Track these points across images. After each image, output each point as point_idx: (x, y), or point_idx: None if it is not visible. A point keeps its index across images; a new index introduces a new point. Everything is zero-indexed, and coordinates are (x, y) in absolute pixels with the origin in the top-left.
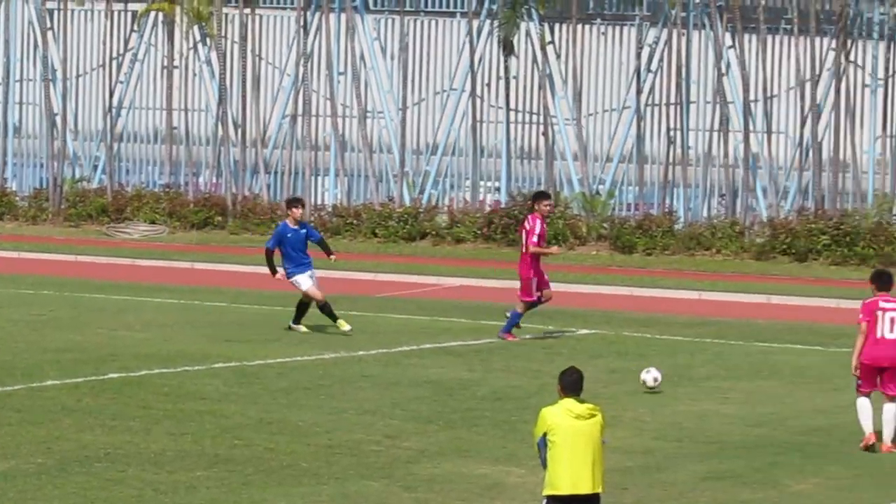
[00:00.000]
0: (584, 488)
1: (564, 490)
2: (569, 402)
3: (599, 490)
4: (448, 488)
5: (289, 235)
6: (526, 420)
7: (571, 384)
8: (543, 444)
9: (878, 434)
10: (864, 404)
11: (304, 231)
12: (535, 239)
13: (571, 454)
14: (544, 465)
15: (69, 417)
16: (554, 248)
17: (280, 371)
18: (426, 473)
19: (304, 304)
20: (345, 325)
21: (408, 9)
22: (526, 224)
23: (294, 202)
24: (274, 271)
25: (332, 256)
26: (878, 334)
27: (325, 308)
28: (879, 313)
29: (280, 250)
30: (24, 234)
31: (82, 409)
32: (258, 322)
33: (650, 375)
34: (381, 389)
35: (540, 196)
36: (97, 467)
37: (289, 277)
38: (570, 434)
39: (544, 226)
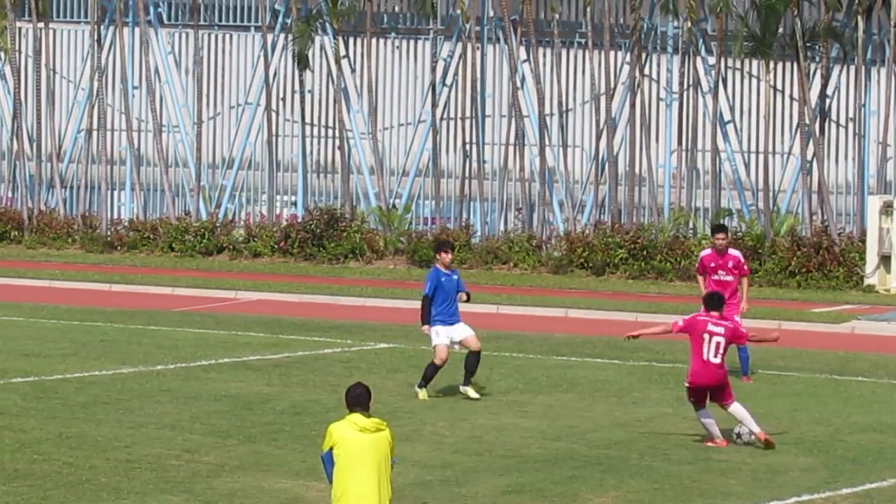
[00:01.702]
0: (369, 502)
1: None
2: (354, 417)
3: None
4: (248, 502)
5: (442, 280)
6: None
7: (356, 398)
8: (329, 459)
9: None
10: (706, 415)
11: (455, 278)
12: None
13: (356, 468)
14: (330, 479)
15: None
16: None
17: (78, 385)
18: (226, 488)
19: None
20: (472, 392)
21: (202, 23)
22: None
23: (444, 246)
24: (428, 321)
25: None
26: (705, 357)
27: (475, 361)
28: (706, 336)
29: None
30: None
31: None
32: (56, 336)
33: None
34: (180, 404)
35: (712, 230)
36: None
37: (432, 326)
38: (355, 448)
39: (717, 258)
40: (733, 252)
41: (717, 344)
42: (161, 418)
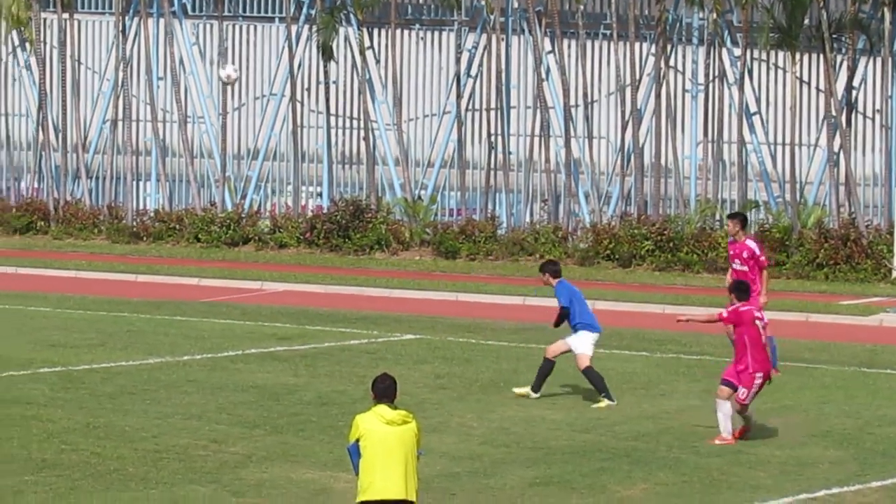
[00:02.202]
0: (395, 494)
1: (374, 495)
2: (381, 408)
3: (413, 498)
4: (276, 493)
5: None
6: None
7: (384, 390)
8: (354, 450)
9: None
10: (729, 409)
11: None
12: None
13: (382, 460)
14: (356, 471)
15: None
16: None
17: (105, 376)
18: (254, 478)
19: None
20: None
21: (226, 14)
22: None
23: (541, 268)
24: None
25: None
26: (763, 342)
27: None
28: (758, 322)
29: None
30: None
31: None
32: (83, 327)
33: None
34: (206, 394)
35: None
36: None
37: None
38: (381, 440)
39: (733, 247)
40: (749, 242)
41: (765, 327)
42: (188, 409)
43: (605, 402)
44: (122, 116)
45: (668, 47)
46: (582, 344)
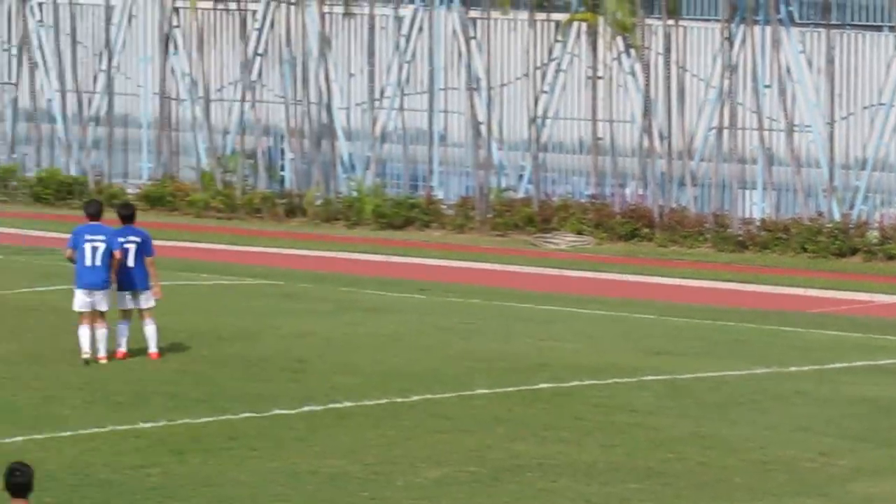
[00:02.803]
0: None
1: None
2: None
3: None
4: None
5: None
6: None
7: None
8: None
9: None
10: None
11: None
12: None
13: None
14: None
15: (500, 426)
16: None
17: (712, 385)
18: (863, 492)
19: None
20: None
21: (833, 22)
22: None
23: None
24: None
25: None
26: None
27: None
28: None
29: None
30: (451, 242)
31: (513, 419)
32: (688, 335)
33: None
34: (814, 406)
35: None
36: (529, 477)
37: None
38: None
39: None
40: None
41: None
42: (795, 420)
43: None
44: (727, 124)
45: None
46: None
